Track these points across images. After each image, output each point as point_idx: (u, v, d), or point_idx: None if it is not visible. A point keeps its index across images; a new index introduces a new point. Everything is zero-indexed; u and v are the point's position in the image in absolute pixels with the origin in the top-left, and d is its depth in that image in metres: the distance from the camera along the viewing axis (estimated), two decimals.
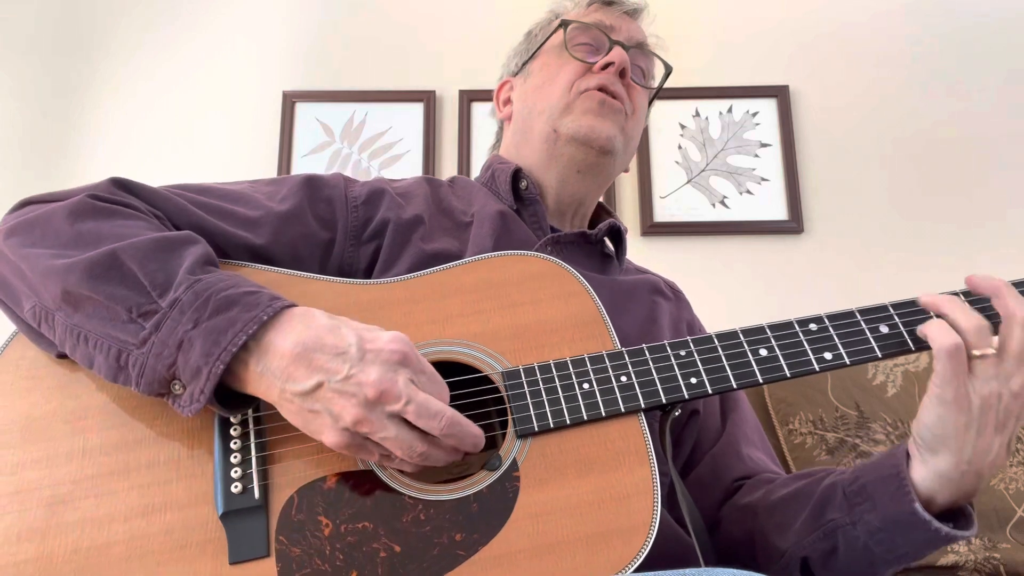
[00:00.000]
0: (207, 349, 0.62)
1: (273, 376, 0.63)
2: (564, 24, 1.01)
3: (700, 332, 1.07)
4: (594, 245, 0.99)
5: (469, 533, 0.64)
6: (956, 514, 0.74)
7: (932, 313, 0.73)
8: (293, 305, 0.67)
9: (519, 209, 0.98)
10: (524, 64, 1.07)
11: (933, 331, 0.69)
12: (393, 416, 0.62)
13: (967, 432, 0.68)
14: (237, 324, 0.63)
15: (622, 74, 0.98)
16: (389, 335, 0.64)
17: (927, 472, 0.71)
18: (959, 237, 1.96)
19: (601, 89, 0.97)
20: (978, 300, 0.74)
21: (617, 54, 0.98)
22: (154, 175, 2.02)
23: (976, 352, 0.68)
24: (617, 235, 1.03)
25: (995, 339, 0.69)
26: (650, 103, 1.10)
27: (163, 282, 0.66)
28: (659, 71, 1.09)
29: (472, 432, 0.65)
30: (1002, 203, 1.98)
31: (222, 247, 0.80)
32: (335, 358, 0.62)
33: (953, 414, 0.68)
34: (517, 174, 0.99)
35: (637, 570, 0.61)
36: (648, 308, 0.99)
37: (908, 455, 0.73)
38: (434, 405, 0.63)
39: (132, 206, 0.76)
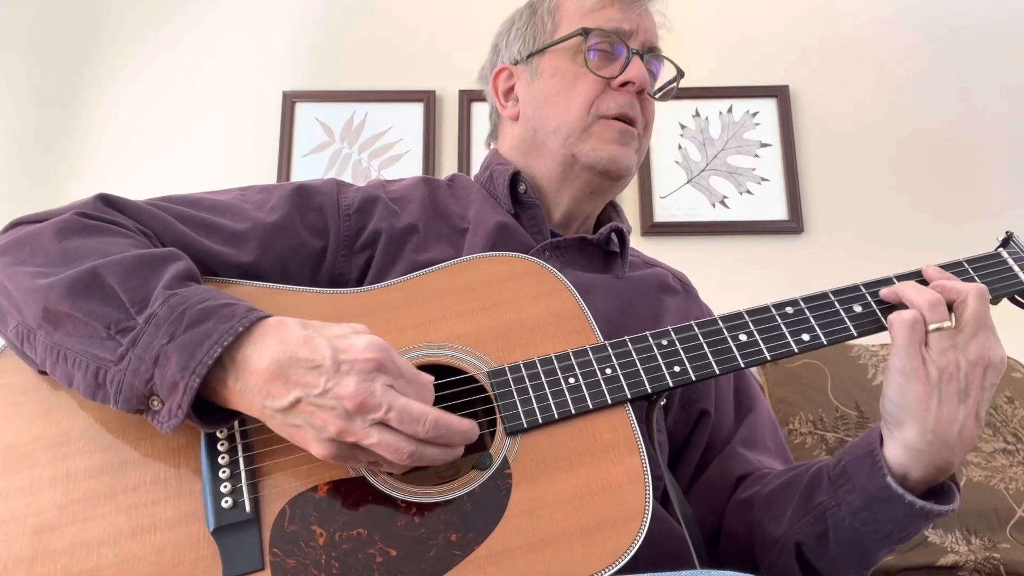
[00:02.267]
0: (183, 363, 0.62)
1: (253, 394, 0.63)
2: (584, 32, 0.94)
3: None
4: (595, 247, 0.98)
5: (464, 533, 0.64)
6: (937, 491, 0.75)
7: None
8: (268, 316, 0.66)
9: (518, 213, 0.97)
10: (530, 56, 1.00)
11: (894, 314, 0.73)
12: (376, 423, 0.61)
13: (929, 401, 0.70)
14: (212, 336, 0.62)
15: (638, 91, 0.96)
16: (363, 342, 0.63)
17: (896, 446, 0.73)
18: (959, 236, 1.96)
19: (621, 117, 0.94)
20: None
21: (636, 72, 0.93)
22: (154, 175, 2.03)
23: (933, 326, 0.71)
24: (620, 237, 1.00)
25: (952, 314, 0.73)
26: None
27: (142, 298, 0.66)
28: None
29: (460, 428, 0.64)
30: (1002, 202, 1.98)
31: (208, 265, 0.80)
32: (310, 372, 0.62)
33: (913, 384, 0.70)
34: (515, 177, 0.97)
35: (632, 559, 0.62)
36: (653, 306, 0.98)
37: (882, 435, 0.76)
38: (415, 409, 0.62)
39: (119, 223, 0.76)
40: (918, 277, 0.79)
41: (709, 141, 2.06)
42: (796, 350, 0.76)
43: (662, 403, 0.76)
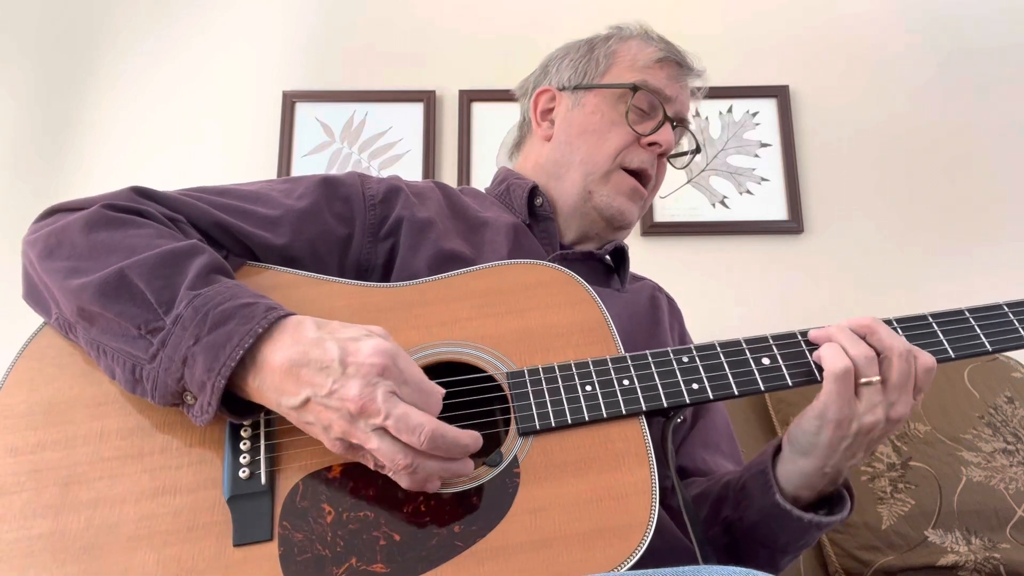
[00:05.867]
0: (208, 364, 0.64)
1: (269, 391, 0.65)
2: (635, 88, 1.02)
3: (688, 342, 1.12)
4: (597, 261, 1.04)
5: (468, 525, 0.65)
6: (830, 499, 0.80)
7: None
8: (287, 315, 0.68)
9: (531, 225, 1.02)
10: (577, 87, 1.07)
11: (826, 353, 0.73)
12: (376, 429, 0.62)
13: (840, 445, 0.73)
14: (234, 338, 0.65)
15: (660, 153, 1.03)
16: (371, 346, 0.64)
17: (793, 469, 0.77)
18: (959, 236, 1.96)
19: (640, 172, 1.02)
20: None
21: (665, 137, 1.02)
22: (155, 176, 2.03)
23: (863, 380, 0.71)
24: (621, 255, 1.07)
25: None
26: None
27: (168, 299, 0.68)
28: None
29: (459, 441, 0.64)
30: (1002, 202, 1.98)
31: (247, 246, 0.83)
32: (319, 372, 0.63)
33: (832, 430, 0.73)
34: (534, 191, 1.03)
35: (633, 567, 0.62)
36: (651, 313, 1.03)
37: (779, 449, 0.80)
38: (414, 419, 0.62)
39: (145, 213, 0.78)
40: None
41: (709, 141, 2.06)
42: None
43: (679, 419, 0.77)
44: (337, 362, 0.63)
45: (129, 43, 2.16)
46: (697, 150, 1.12)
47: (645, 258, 1.94)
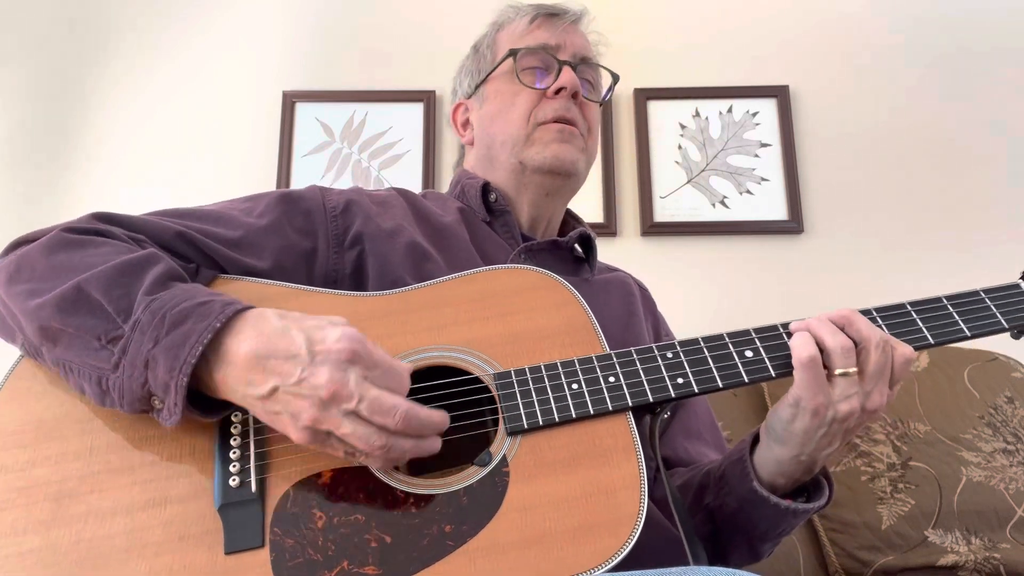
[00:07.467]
0: (169, 364, 0.64)
1: (235, 382, 0.66)
2: (512, 53, 1.04)
3: (666, 331, 1.13)
4: (565, 251, 1.04)
5: (458, 525, 0.66)
6: (809, 487, 0.81)
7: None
8: (246, 308, 0.69)
9: (491, 221, 1.03)
10: (477, 87, 1.10)
11: (795, 342, 0.74)
12: (348, 413, 0.63)
13: (815, 433, 0.74)
14: (192, 336, 0.65)
15: (574, 95, 1.02)
16: (337, 333, 0.65)
17: (770, 457, 0.78)
18: (958, 236, 1.96)
19: (558, 119, 1.01)
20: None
21: (567, 78, 1.01)
22: (155, 176, 2.04)
23: (838, 371, 0.72)
24: (587, 242, 1.07)
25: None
26: (600, 103, 1.14)
27: (126, 307, 0.68)
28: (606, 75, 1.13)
29: (430, 420, 0.66)
30: (1002, 202, 1.98)
31: (214, 260, 0.83)
32: (287, 361, 0.64)
33: (807, 418, 0.73)
34: (486, 187, 1.04)
35: (623, 561, 0.62)
36: (625, 302, 1.04)
37: (758, 438, 0.81)
38: (387, 401, 0.63)
39: (105, 232, 0.78)
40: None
41: (709, 141, 2.06)
42: None
43: (665, 415, 0.77)
44: (305, 350, 0.64)
45: (129, 43, 2.16)
46: (615, 79, 1.11)
47: (645, 258, 1.94)
